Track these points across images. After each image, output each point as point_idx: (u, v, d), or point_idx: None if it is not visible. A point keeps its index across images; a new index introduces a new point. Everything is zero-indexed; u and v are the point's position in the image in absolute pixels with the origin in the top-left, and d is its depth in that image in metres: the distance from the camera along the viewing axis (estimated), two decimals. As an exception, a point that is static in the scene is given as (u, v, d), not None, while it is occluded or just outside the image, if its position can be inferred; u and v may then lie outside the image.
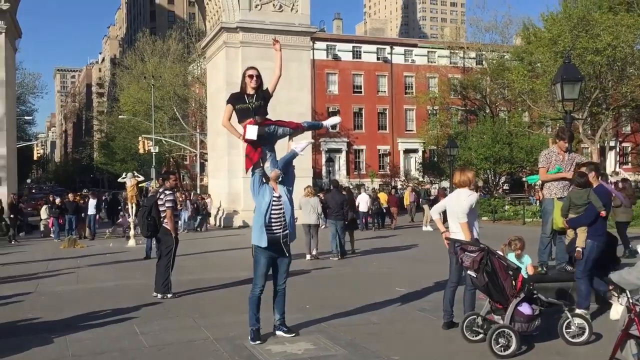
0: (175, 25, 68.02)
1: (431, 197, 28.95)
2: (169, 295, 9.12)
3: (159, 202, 9.56)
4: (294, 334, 6.54)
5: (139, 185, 21.49)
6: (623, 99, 34.65)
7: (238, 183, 27.34)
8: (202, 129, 50.91)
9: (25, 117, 62.86)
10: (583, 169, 7.21)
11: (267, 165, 6.37)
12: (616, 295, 4.78)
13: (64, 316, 7.86)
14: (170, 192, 9.59)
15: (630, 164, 56.36)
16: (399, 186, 49.22)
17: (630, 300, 4.37)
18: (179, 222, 10.89)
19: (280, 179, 6.43)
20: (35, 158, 58.78)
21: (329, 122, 7.64)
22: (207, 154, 41.02)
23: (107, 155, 67.81)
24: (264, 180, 6.32)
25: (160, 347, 6.23)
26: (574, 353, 5.85)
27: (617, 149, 55.54)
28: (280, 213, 6.34)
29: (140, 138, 45.85)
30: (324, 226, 15.41)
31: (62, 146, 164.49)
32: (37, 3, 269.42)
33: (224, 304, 8.70)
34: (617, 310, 6.44)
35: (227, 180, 28.23)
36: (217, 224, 27.96)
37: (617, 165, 53.18)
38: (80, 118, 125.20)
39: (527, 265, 6.52)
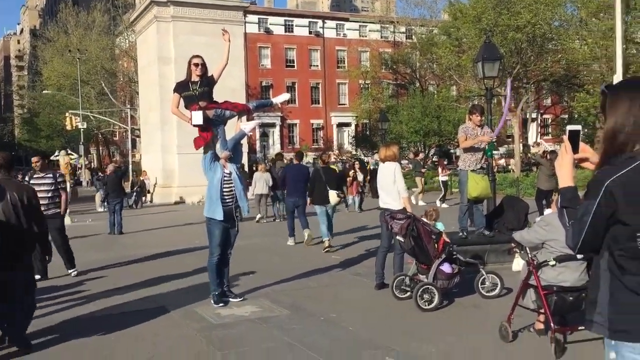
0: (100, -4, 65.46)
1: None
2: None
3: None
4: (241, 299, 7.12)
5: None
6: (542, 73, 36.64)
7: (172, 159, 27.25)
8: (132, 104, 49.84)
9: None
10: None
11: (218, 146, 6.83)
12: (518, 251, 5.61)
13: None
14: (42, 175, 8.80)
15: (550, 134, 59.43)
16: (332, 159, 50.14)
17: (529, 255, 5.18)
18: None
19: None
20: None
21: (278, 99, 8.10)
22: (138, 129, 40.38)
23: (30, 132, 65.13)
24: (215, 159, 6.80)
25: (114, 316, 6.64)
26: (488, 304, 6.70)
27: (539, 121, 58.44)
28: (231, 188, 6.86)
29: (67, 114, 44.47)
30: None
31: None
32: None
33: (173, 274, 9.08)
34: (519, 263, 7.40)
35: (161, 156, 28.08)
36: (153, 200, 27.84)
37: (539, 136, 56.06)
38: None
39: (443, 227, 7.31)
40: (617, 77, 13.36)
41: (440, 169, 22.54)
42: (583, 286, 4.88)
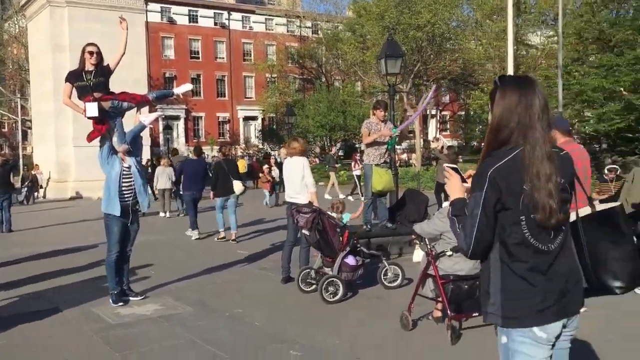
0: (-14, -24, 60.82)
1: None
2: None
3: None
4: (142, 297, 6.88)
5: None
6: (441, 71, 38.18)
7: (68, 152, 25.83)
8: (23, 93, 46.75)
9: None
10: None
11: (115, 139, 6.53)
12: (418, 242, 5.81)
13: None
14: None
15: (449, 130, 62.08)
16: (239, 153, 49.70)
17: (428, 246, 5.38)
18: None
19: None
20: None
21: (180, 89, 7.76)
22: (29, 120, 37.93)
23: None
24: (112, 152, 6.50)
25: (3, 318, 6.20)
26: (390, 295, 6.89)
27: (438, 117, 60.94)
28: (131, 182, 6.59)
29: (-52, 103, 41.09)
30: None
31: None
32: None
33: (67, 273, 8.63)
34: (419, 254, 7.69)
35: (55, 149, 26.57)
36: (46, 195, 26.29)
37: (438, 131, 58.43)
38: None
39: (349, 218, 7.40)
40: (509, 77, 14.13)
41: (353, 164, 22.96)
42: (477, 274, 5.13)
